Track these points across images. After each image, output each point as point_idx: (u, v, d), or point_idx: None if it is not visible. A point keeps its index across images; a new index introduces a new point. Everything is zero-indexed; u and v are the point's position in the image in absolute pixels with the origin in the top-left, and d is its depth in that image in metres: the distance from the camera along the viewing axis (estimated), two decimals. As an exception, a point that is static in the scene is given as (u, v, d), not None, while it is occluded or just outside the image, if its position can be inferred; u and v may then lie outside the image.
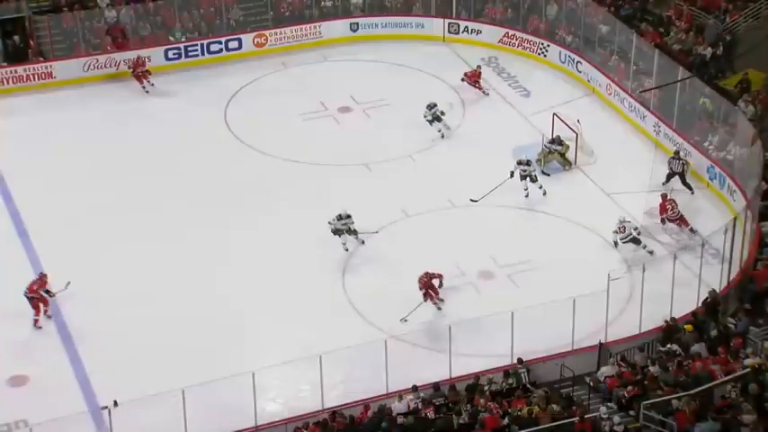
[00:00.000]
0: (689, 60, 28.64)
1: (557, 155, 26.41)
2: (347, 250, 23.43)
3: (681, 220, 24.03)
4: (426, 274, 21.81)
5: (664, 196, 24.23)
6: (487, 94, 29.16)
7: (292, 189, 25.76)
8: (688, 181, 25.34)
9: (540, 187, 25.21)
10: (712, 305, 21.05)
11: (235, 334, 21.44)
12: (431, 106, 27.33)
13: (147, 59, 29.54)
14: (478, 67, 29.67)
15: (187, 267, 23.16)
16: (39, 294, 21.40)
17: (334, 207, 24.75)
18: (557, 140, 26.52)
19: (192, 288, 22.60)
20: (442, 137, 27.38)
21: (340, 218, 23.43)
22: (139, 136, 27.73)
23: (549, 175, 26.16)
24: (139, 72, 29.31)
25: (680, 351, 19.91)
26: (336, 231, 23.46)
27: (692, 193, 25.21)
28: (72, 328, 21.56)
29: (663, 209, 24.13)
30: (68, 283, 21.67)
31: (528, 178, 25.07)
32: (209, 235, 24.12)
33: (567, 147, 26.49)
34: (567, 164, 26.43)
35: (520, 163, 25.14)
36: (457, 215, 24.68)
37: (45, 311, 21.54)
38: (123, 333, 21.19)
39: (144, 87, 29.38)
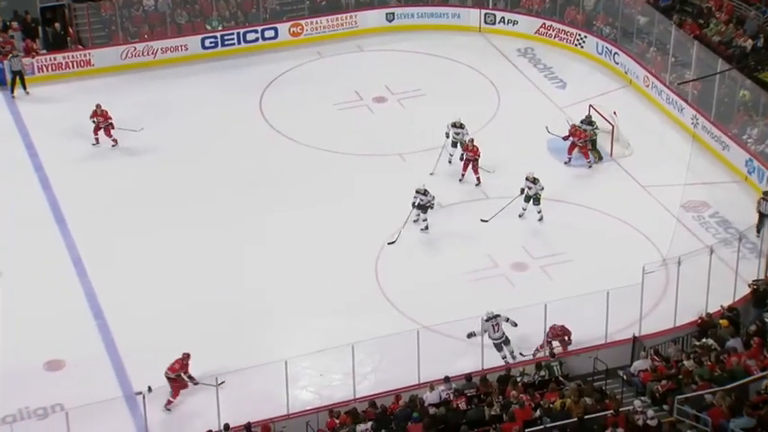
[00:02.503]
0: (729, 52, 28.31)
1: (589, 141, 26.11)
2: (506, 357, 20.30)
3: (584, 149, 25.71)
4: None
5: (575, 126, 25.83)
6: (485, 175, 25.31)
7: (326, 178, 25.77)
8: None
9: (539, 212, 23.86)
10: (762, 295, 20.77)
11: (268, 322, 21.52)
12: (457, 125, 25.63)
13: (107, 112, 26.16)
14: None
15: (220, 255, 23.26)
16: (180, 375, 19.22)
17: (368, 197, 24.78)
18: (586, 120, 25.99)
19: (224, 276, 22.71)
20: (449, 160, 25.76)
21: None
22: (175, 124, 27.85)
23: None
24: (101, 124, 26.26)
25: (715, 346, 19.73)
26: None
27: (758, 236, 22.99)
28: (108, 313, 21.74)
29: (577, 134, 25.61)
30: (220, 382, 18.78)
31: (531, 200, 23.76)
32: (243, 223, 24.21)
33: (596, 132, 26.02)
34: (596, 155, 26.13)
35: (527, 179, 23.84)
36: (490, 206, 24.58)
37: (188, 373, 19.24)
38: (158, 320, 21.34)
39: (97, 141, 26.28)
